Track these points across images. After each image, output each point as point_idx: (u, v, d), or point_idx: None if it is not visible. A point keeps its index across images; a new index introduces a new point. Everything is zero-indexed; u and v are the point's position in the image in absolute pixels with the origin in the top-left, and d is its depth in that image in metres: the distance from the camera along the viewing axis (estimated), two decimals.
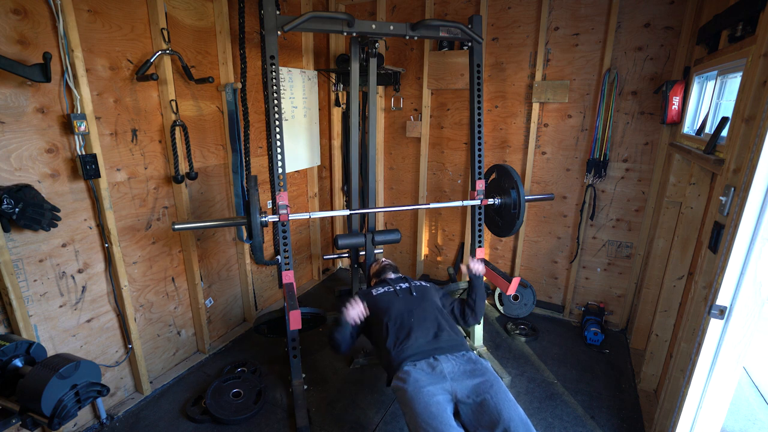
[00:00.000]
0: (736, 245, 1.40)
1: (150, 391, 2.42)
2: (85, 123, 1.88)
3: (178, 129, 2.33)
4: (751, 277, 1.42)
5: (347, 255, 3.06)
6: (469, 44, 2.51)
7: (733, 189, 1.45)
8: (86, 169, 1.90)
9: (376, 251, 2.84)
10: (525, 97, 3.10)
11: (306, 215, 2.33)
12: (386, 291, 2.13)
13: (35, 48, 1.73)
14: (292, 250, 3.06)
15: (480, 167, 2.61)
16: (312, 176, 3.63)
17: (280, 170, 2.19)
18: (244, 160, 2.75)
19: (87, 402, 1.38)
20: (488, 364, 1.75)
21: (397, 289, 2.13)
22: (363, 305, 2.00)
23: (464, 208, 3.49)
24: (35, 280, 1.85)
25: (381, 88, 3.60)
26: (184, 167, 2.43)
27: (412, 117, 3.56)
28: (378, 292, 2.13)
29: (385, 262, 2.49)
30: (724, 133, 1.70)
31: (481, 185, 2.62)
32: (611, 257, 3.10)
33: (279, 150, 2.18)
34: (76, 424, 2.11)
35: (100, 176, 1.97)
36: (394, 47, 3.51)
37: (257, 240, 2.12)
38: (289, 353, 2.36)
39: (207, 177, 2.67)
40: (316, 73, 3.42)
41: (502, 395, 1.57)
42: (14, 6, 1.65)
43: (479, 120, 2.58)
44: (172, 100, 2.28)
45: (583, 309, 3.21)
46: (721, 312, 1.48)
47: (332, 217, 4.01)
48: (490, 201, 2.62)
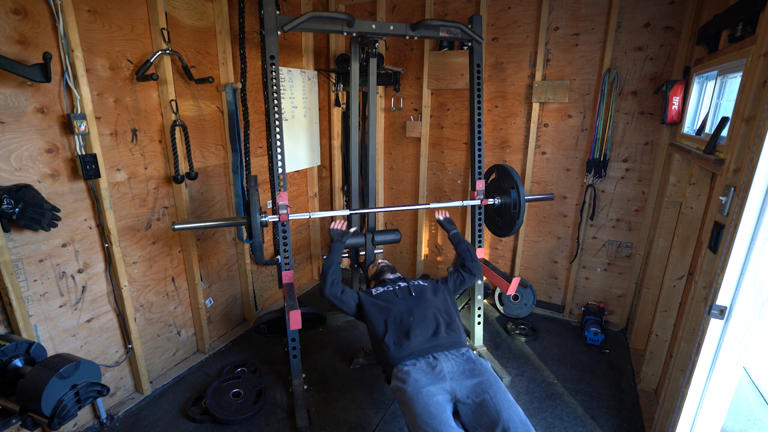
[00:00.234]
0: (736, 245, 1.40)
1: (150, 391, 2.42)
2: (85, 123, 1.88)
3: (178, 129, 2.33)
4: (751, 277, 1.42)
5: (347, 255, 3.06)
6: (469, 44, 2.52)
7: (733, 189, 1.45)
8: (86, 169, 1.91)
9: (376, 251, 2.84)
10: (525, 97, 3.10)
11: (306, 215, 2.33)
12: (386, 290, 2.15)
13: (35, 48, 1.73)
14: (292, 250, 3.06)
15: (480, 167, 2.62)
16: (312, 176, 3.63)
17: (280, 170, 2.20)
18: (244, 160, 2.75)
19: (87, 402, 1.39)
20: (488, 364, 1.75)
21: (396, 288, 2.14)
22: (344, 222, 2.36)
23: (464, 208, 3.49)
24: (35, 280, 1.86)
25: (381, 88, 3.60)
26: (184, 167, 2.43)
27: (412, 117, 3.56)
28: (378, 291, 2.15)
29: (382, 263, 2.49)
30: (724, 133, 1.70)
31: (481, 185, 2.63)
32: (611, 257, 3.10)
33: (279, 150, 2.18)
34: (76, 424, 2.11)
35: (100, 176, 1.97)
36: (394, 47, 3.51)
37: (257, 240, 2.12)
38: (289, 353, 2.36)
39: (207, 177, 2.67)
40: (316, 73, 3.42)
41: (502, 395, 1.57)
42: (14, 6, 1.65)
43: (479, 120, 2.59)
44: (172, 100, 2.28)
45: (583, 309, 3.21)
46: (721, 312, 1.48)
47: (332, 217, 4.01)
48: (490, 201, 2.63)
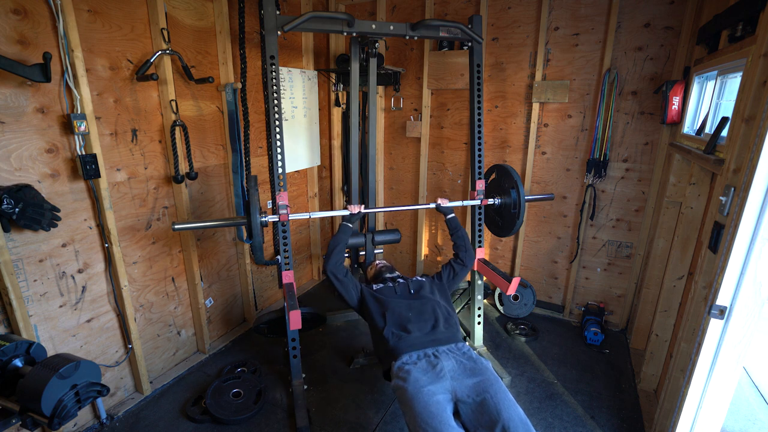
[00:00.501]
0: (736, 245, 1.40)
1: (150, 391, 2.42)
2: (85, 123, 1.88)
3: (178, 129, 2.33)
4: (751, 277, 1.42)
5: (347, 255, 3.06)
6: (469, 44, 2.52)
7: (733, 189, 1.45)
8: (86, 169, 1.90)
9: (376, 251, 2.84)
10: (525, 97, 3.10)
11: (306, 215, 2.33)
12: (385, 286, 2.21)
13: (35, 48, 1.73)
14: (292, 250, 3.06)
15: (480, 167, 2.62)
16: (312, 176, 3.63)
17: (280, 170, 2.20)
18: (244, 160, 2.75)
19: (87, 402, 1.38)
20: (488, 364, 1.76)
21: (395, 285, 2.21)
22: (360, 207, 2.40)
23: (464, 208, 3.49)
24: (35, 280, 1.85)
25: (381, 88, 3.60)
26: (184, 167, 2.43)
27: (412, 117, 3.55)
28: (378, 287, 2.21)
29: (380, 264, 2.51)
30: (724, 133, 1.70)
31: (481, 185, 2.63)
32: (611, 257, 3.10)
33: (279, 150, 2.18)
34: (76, 424, 2.11)
35: (100, 176, 1.97)
36: (394, 47, 3.50)
37: (257, 240, 2.12)
38: (289, 353, 2.36)
39: (207, 177, 2.67)
40: (316, 73, 3.42)
41: (502, 395, 1.57)
42: (14, 6, 1.65)
43: (479, 120, 2.59)
44: (172, 100, 2.28)
45: (583, 309, 3.21)
46: (721, 312, 1.48)
47: (332, 217, 4.01)
48: (490, 201, 2.63)
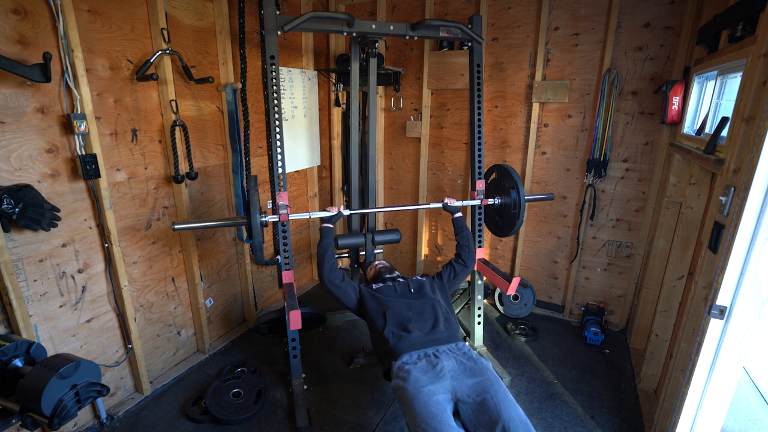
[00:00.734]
0: (736, 245, 1.40)
1: (150, 391, 2.42)
2: (85, 123, 1.88)
3: (178, 129, 2.33)
4: (751, 277, 1.42)
5: (347, 255, 3.06)
6: (469, 44, 2.52)
7: (733, 189, 1.45)
8: (86, 169, 1.90)
9: (376, 251, 2.84)
10: (525, 97, 3.10)
11: (306, 215, 2.33)
12: (385, 285, 2.21)
13: (35, 48, 1.73)
14: (292, 250, 3.06)
15: (480, 167, 2.62)
16: (312, 176, 3.63)
17: (280, 170, 2.20)
18: (244, 160, 2.75)
19: (87, 402, 1.38)
20: (488, 364, 1.76)
21: (395, 284, 2.20)
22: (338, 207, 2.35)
23: (464, 208, 3.49)
24: (35, 280, 1.85)
25: (381, 88, 3.60)
26: (184, 167, 2.43)
27: (412, 117, 3.55)
28: (378, 286, 2.21)
29: (380, 265, 2.51)
30: (724, 133, 1.70)
31: (481, 185, 2.63)
32: (611, 257, 3.10)
33: (279, 150, 2.18)
34: (76, 424, 2.11)
35: (100, 176, 1.97)
36: (394, 47, 3.50)
37: (257, 240, 2.12)
38: (289, 353, 2.36)
39: (207, 177, 2.67)
40: (316, 73, 3.42)
41: (502, 395, 1.57)
42: (14, 6, 1.65)
43: (479, 120, 2.59)
44: (172, 100, 2.28)
45: (583, 309, 3.21)
46: (721, 312, 1.48)
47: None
48: (490, 201, 2.63)
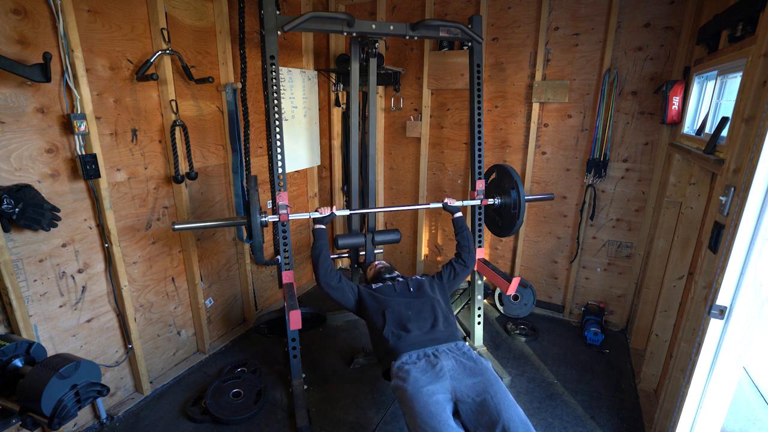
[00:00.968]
0: (736, 245, 1.40)
1: (150, 391, 2.42)
2: (85, 123, 1.88)
3: (178, 129, 2.33)
4: (751, 277, 1.42)
5: (347, 255, 3.06)
6: (469, 44, 2.52)
7: (733, 189, 1.45)
8: (86, 169, 1.90)
9: (376, 251, 2.84)
10: (525, 97, 3.10)
11: (306, 215, 2.33)
12: (385, 285, 2.21)
13: (35, 48, 1.73)
14: (292, 250, 3.06)
15: (480, 167, 2.62)
16: (312, 176, 3.63)
17: (280, 170, 2.20)
18: (244, 160, 2.75)
19: (87, 402, 1.38)
20: (488, 364, 1.76)
21: (395, 283, 2.20)
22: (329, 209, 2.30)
23: (464, 208, 3.49)
24: (35, 280, 1.85)
25: (381, 88, 3.60)
26: (184, 167, 2.43)
27: (412, 117, 3.55)
28: (377, 286, 2.21)
29: (379, 265, 2.51)
30: (724, 133, 1.70)
31: (481, 185, 2.63)
32: (611, 257, 3.10)
33: (279, 150, 2.18)
34: (76, 424, 2.11)
35: (100, 176, 1.97)
36: (394, 47, 3.50)
37: (257, 240, 2.12)
38: (289, 353, 2.36)
39: (207, 177, 2.67)
40: (316, 73, 3.42)
41: (502, 395, 1.57)
42: (14, 6, 1.65)
43: (479, 120, 2.59)
44: (172, 100, 2.28)
45: (583, 309, 3.21)
46: (721, 312, 1.48)
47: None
48: (490, 201, 2.63)
